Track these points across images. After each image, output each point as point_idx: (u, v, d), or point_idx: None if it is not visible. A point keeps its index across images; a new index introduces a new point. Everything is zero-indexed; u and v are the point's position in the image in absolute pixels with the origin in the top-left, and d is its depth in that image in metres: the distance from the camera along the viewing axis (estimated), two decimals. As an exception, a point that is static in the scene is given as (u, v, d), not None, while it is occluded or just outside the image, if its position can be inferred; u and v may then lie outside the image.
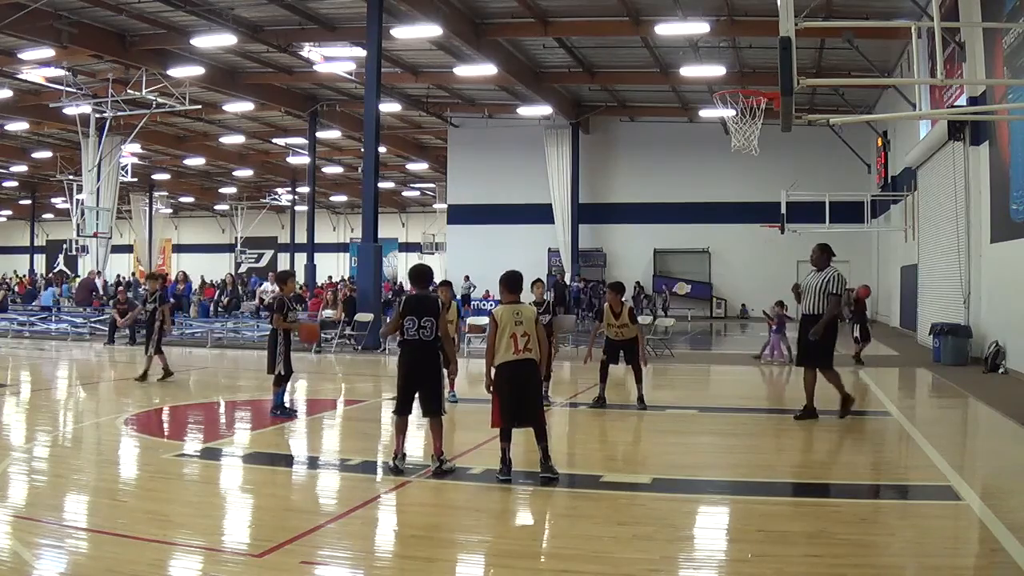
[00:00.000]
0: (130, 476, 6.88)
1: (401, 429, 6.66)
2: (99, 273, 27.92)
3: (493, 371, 6.37)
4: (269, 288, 23.07)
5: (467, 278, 32.62)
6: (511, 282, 6.62)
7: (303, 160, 34.27)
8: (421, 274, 6.81)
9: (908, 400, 10.60)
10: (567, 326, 18.82)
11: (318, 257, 34.57)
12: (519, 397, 6.31)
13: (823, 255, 9.35)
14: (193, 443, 8.18)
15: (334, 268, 47.00)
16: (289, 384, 9.59)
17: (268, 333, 9.70)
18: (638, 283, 31.06)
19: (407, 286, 34.71)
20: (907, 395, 12.76)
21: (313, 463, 7.47)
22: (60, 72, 24.77)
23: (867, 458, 7.83)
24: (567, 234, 31.70)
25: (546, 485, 6.16)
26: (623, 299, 10.35)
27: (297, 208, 45.16)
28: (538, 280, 10.86)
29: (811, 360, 9.17)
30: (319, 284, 31.31)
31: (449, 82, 27.54)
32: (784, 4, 7.42)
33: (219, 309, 23.24)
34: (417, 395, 6.58)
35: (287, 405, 9.45)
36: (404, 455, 6.64)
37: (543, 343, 6.46)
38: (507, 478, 6.22)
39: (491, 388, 6.38)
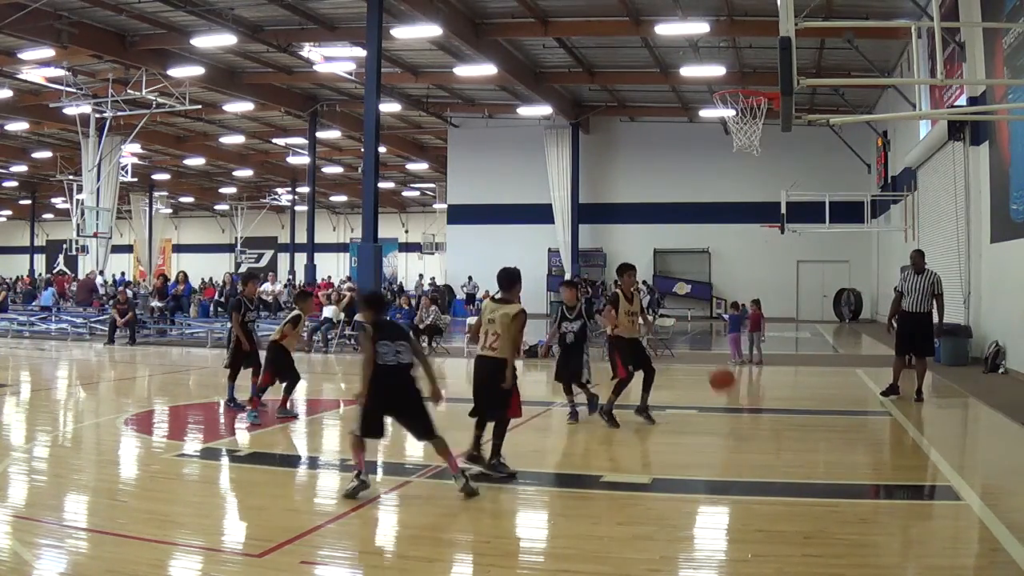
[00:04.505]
0: (130, 476, 6.89)
1: (361, 448, 6.00)
2: (101, 272, 27.92)
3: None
4: (269, 288, 23.10)
5: (470, 279, 32.65)
6: (501, 279, 6.69)
7: (303, 160, 34.26)
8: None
9: (908, 400, 10.58)
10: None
11: (318, 257, 34.55)
12: (479, 390, 6.49)
13: (921, 259, 10.77)
14: (193, 443, 8.18)
15: (334, 268, 46.98)
16: (239, 380, 9.83)
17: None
18: (644, 282, 30.32)
19: (408, 286, 34.55)
20: (907, 395, 12.74)
21: (313, 463, 7.47)
22: (60, 72, 24.75)
23: (867, 458, 7.83)
24: (567, 234, 31.68)
25: (478, 480, 6.10)
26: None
27: (297, 208, 45.15)
28: (569, 283, 9.52)
29: (918, 351, 10.54)
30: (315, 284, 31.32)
31: (449, 82, 27.53)
32: (784, 4, 7.42)
33: (219, 309, 23.20)
34: (399, 422, 6.13)
35: (240, 400, 9.67)
36: (362, 472, 5.95)
37: (515, 342, 6.45)
38: (475, 458, 6.34)
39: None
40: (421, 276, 33.84)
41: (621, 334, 8.80)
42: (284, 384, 9.38)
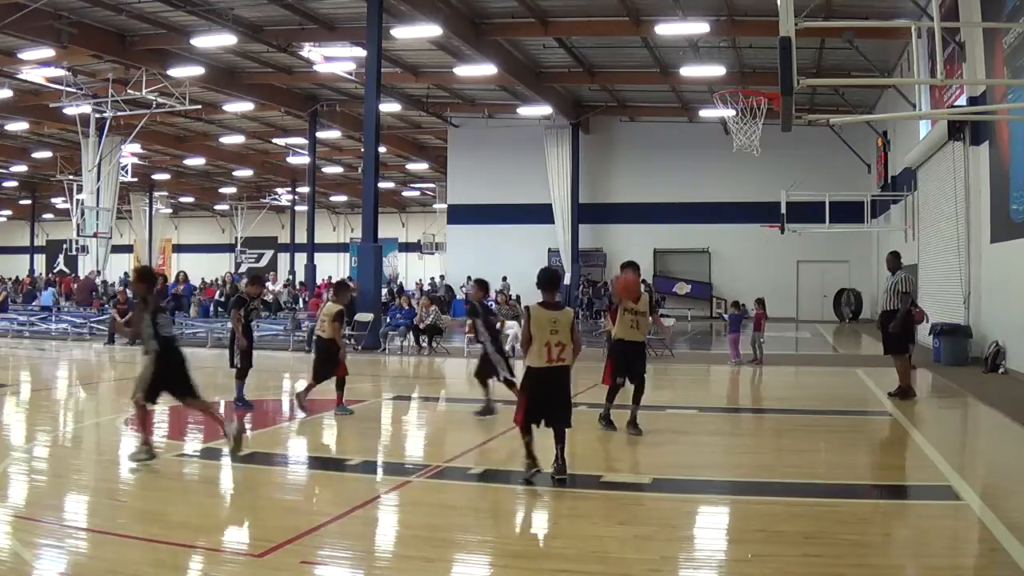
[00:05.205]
0: (130, 476, 6.88)
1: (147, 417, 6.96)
2: (98, 273, 27.92)
3: (525, 372, 6.31)
4: (270, 287, 23.10)
5: (469, 278, 32.63)
6: (548, 281, 6.45)
7: (303, 160, 34.26)
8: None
9: (908, 400, 10.60)
10: None
11: (318, 257, 34.55)
12: (548, 400, 6.22)
13: (895, 260, 11.02)
14: (193, 443, 8.18)
15: (334, 268, 46.96)
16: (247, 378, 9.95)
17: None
18: (644, 281, 30.38)
19: (409, 286, 34.48)
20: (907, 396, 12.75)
21: (313, 463, 7.47)
22: (60, 72, 24.75)
23: (867, 458, 7.83)
24: (567, 234, 31.69)
25: (557, 486, 6.07)
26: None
27: (297, 208, 45.14)
28: (478, 281, 9.76)
29: (890, 348, 10.81)
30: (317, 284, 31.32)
31: (449, 82, 27.53)
32: (784, 4, 7.42)
33: (219, 309, 23.22)
34: (176, 388, 6.89)
35: (247, 398, 9.81)
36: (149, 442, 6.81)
37: (577, 342, 6.37)
38: (535, 471, 6.07)
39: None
40: (443, 277, 33.79)
41: (622, 336, 8.30)
42: (314, 379, 9.53)
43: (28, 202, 51.04)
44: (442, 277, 33.77)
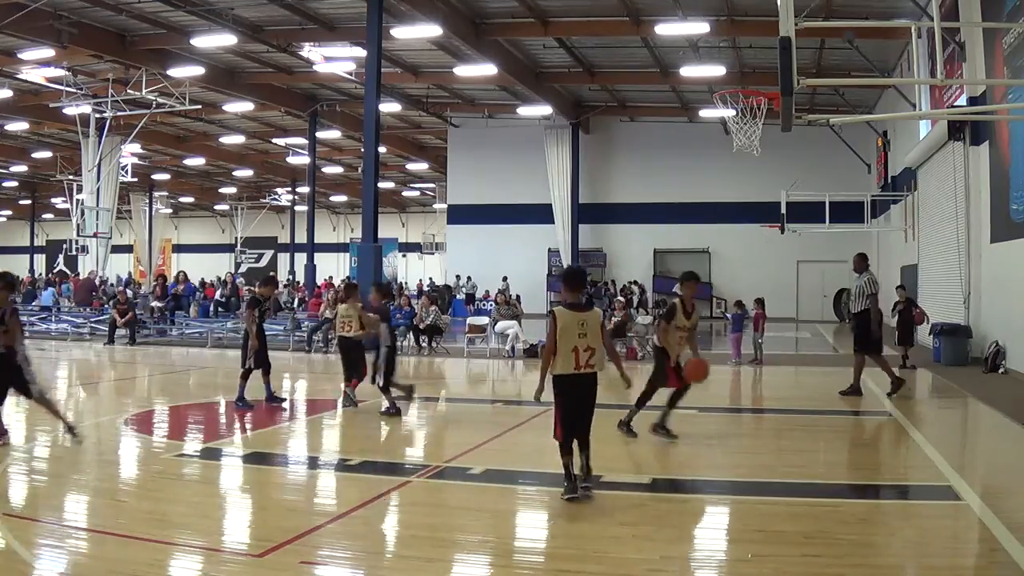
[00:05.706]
0: (130, 476, 6.89)
1: None
2: (98, 273, 27.91)
3: (552, 380, 5.85)
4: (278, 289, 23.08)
5: (469, 279, 32.65)
6: (575, 280, 6.09)
7: (303, 160, 34.25)
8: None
9: (908, 400, 10.60)
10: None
11: (318, 257, 34.54)
12: (580, 409, 5.88)
13: (861, 262, 11.20)
14: (193, 443, 8.18)
15: (334, 268, 46.97)
16: (270, 378, 10.23)
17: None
18: (635, 282, 30.52)
19: (406, 286, 34.07)
20: (907, 395, 12.74)
21: (313, 463, 7.47)
22: (60, 72, 24.74)
23: (867, 458, 7.84)
24: (567, 234, 31.68)
25: (583, 495, 5.79)
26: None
27: (297, 208, 45.14)
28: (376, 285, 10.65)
29: (862, 348, 11.05)
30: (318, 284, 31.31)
31: (449, 82, 27.52)
32: (784, 4, 7.42)
33: (219, 309, 23.22)
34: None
35: (277, 396, 10.06)
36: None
37: (606, 342, 5.99)
38: (574, 496, 5.72)
39: (549, 396, 5.90)
40: (458, 277, 33.68)
41: (666, 348, 8.09)
42: (358, 376, 9.72)
43: (28, 202, 51.04)
44: (457, 277, 33.70)
